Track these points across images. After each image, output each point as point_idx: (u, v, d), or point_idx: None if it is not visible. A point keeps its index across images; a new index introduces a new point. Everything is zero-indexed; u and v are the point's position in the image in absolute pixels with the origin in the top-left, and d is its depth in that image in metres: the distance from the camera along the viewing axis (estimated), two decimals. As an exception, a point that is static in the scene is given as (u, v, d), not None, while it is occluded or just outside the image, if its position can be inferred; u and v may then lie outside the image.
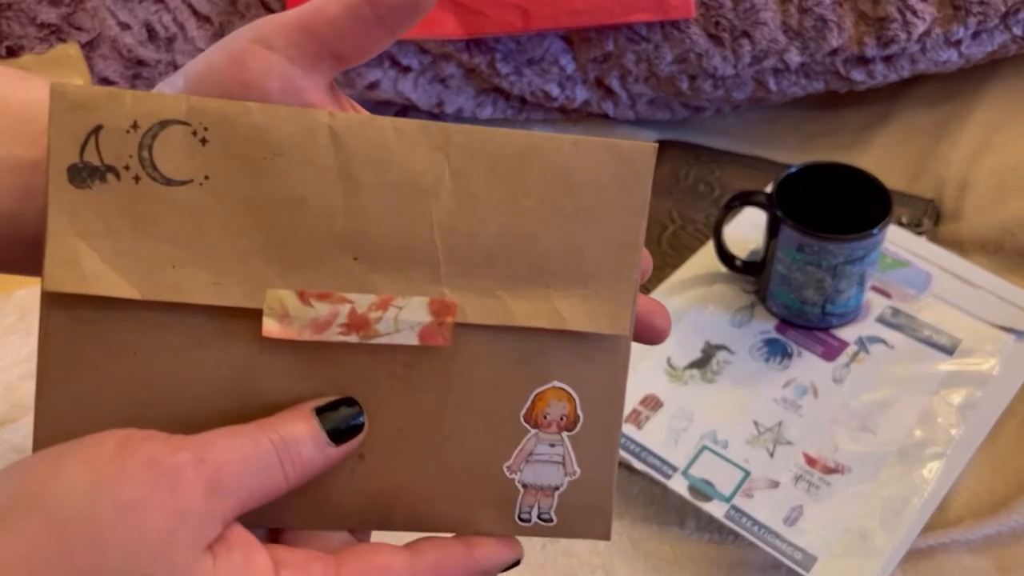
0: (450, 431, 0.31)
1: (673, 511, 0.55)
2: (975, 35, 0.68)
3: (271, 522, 0.30)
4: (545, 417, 0.32)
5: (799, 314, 0.61)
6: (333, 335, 0.30)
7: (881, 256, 0.62)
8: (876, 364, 0.59)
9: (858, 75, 0.71)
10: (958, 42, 0.68)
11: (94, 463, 0.26)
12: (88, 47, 0.71)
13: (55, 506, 0.25)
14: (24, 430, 0.57)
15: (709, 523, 0.54)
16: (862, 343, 0.61)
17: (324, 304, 0.30)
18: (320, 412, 0.30)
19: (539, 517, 0.32)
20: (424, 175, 0.30)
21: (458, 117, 0.78)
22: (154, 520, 0.25)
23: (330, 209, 0.29)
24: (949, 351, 0.60)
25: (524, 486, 0.32)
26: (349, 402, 0.30)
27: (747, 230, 0.66)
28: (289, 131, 0.29)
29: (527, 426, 0.32)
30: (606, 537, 0.33)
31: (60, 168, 0.28)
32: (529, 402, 0.32)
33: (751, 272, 0.64)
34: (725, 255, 0.64)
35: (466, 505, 0.32)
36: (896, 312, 0.62)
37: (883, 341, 0.61)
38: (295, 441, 0.29)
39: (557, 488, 0.32)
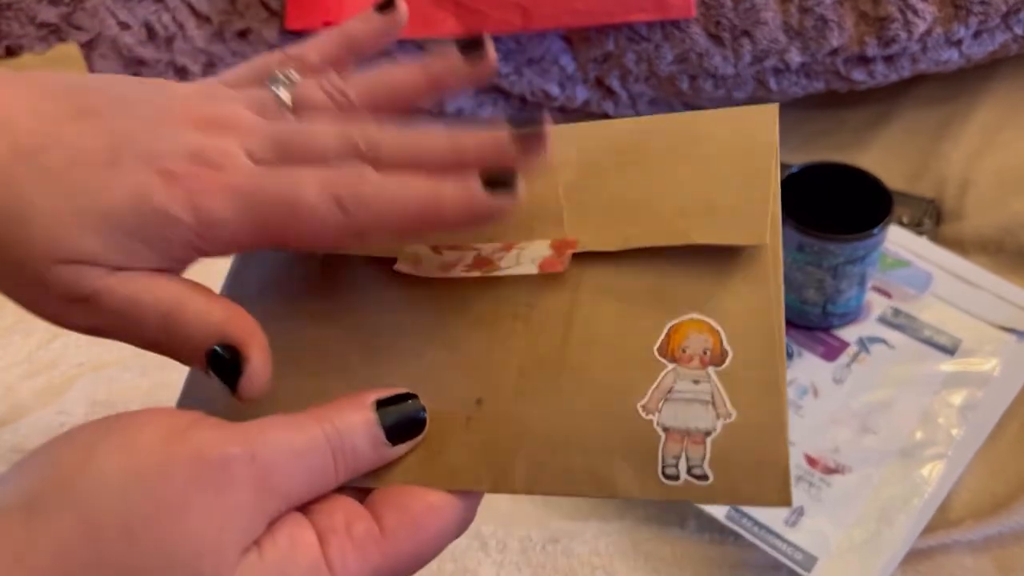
0: (574, 367, 0.28)
1: (674, 511, 0.55)
2: (976, 35, 0.68)
3: (376, 480, 0.28)
4: (684, 351, 0.27)
5: (800, 314, 0.61)
6: (457, 272, 0.30)
7: (882, 256, 0.62)
8: (877, 364, 0.59)
9: (859, 75, 0.71)
10: (959, 42, 0.68)
11: (134, 453, 0.24)
12: (88, 47, 0.71)
13: (89, 498, 0.23)
14: (24, 430, 0.57)
15: (710, 523, 0.54)
16: (863, 343, 0.60)
17: (453, 252, 0.30)
18: (380, 405, 0.28)
19: (690, 472, 0.26)
20: (554, 156, 0.29)
21: (458, 117, 0.78)
22: (199, 520, 0.24)
23: None
24: (950, 351, 0.60)
25: (665, 430, 0.26)
26: (411, 397, 0.28)
27: (748, 230, 0.66)
28: None
29: (663, 360, 0.27)
30: (785, 502, 0.25)
31: None
32: (664, 335, 0.27)
33: (752, 272, 0.64)
34: (725, 255, 0.64)
35: (597, 455, 0.26)
36: (897, 312, 0.62)
37: (884, 341, 0.61)
38: (350, 435, 0.27)
39: (708, 433, 0.26)
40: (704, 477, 0.26)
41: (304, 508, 0.27)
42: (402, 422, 0.28)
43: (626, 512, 0.55)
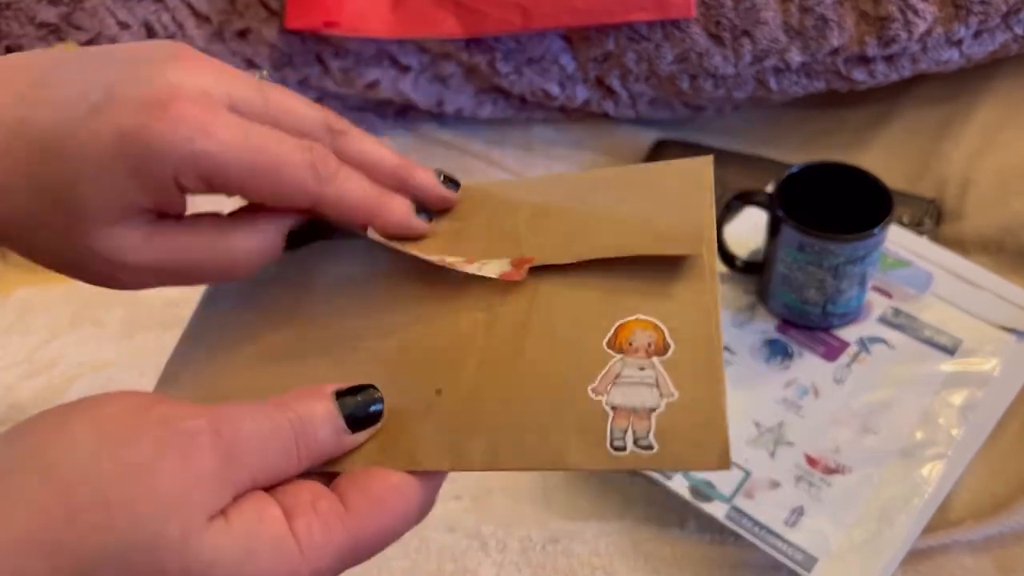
0: (530, 359, 0.30)
1: (674, 512, 0.55)
2: (976, 34, 0.68)
3: (339, 464, 0.29)
4: (631, 344, 0.30)
5: (800, 314, 0.61)
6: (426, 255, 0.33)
7: (882, 256, 0.62)
8: (877, 364, 0.59)
9: (859, 75, 0.71)
10: (959, 41, 0.68)
11: (102, 423, 0.25)
12: (87, 46, 0.71)
13: (59, 466, 0.24)
14: (23, 430, 0.57)
15: (710, 524, 0.54)
16: (863, 343, 0.60)
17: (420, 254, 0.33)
18: (340, 396, 0.29)
19: (636, 443, 0.28)
20: (517, 199, 0.35)
21: (458, 116, 0.78)
22: (166, 482, 0.25)
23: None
24: (950, 351, 0.60)
25: (613, 408, 0.29)
26: (370, 388, 0.30)
27: (748, 230, 0.66)
28: None
29: (611, 351, 0.30)
30: (724, 465, 0.27)
31: None
32: (612, 331, 0.30)
33: (752, 272, 0.64)
34: (726, 255, 0.64)
35: (551, 435, 0.29)
36: (897, 312, 0.62)
37: (884, 341, 0.60)
38: (312, 422, 0.28)
39: (653, 409, 0.28)
40: (650, 447, 0.28)
41: (269, 489, 0.28)
42: (360, 410, 0.29)
43: (626, 512, 0.55)
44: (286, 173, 0.30)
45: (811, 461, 0.54)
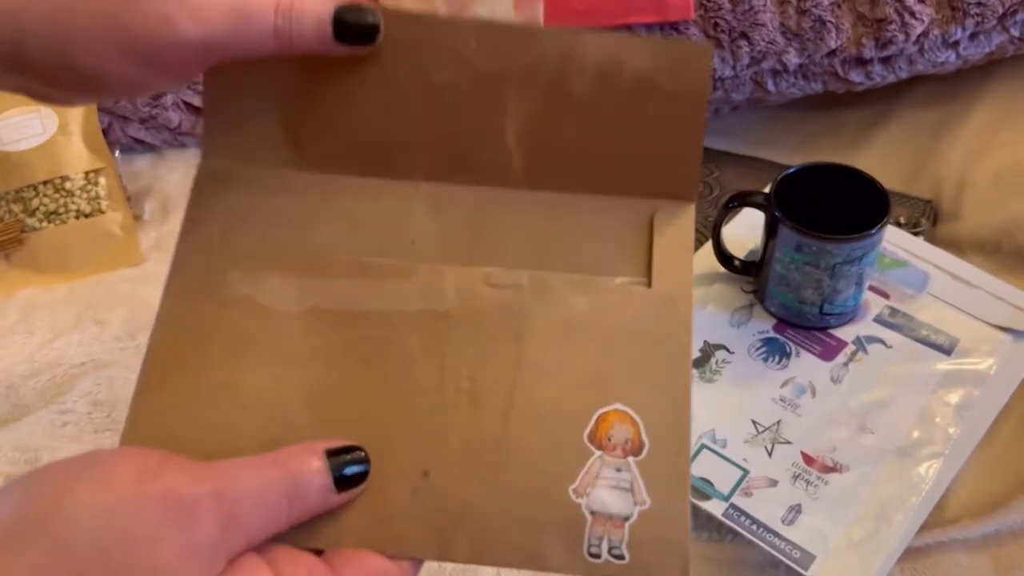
0: (514, 447, 0.31)
1: (672, 510, 0.55)
2: (973, 36, 0.68)
3: (329, 542, 0.30)
4: (610, 439, 0.31)
5: (797, 314, 0.62)
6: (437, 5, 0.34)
7: (879, 256, 0.63)
8: (874, 364, 0.60)
9: (856, 76, 0.71)
10: (956, 43, 0.69)
11: (109, 490, 0.26)
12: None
13: (66, 530, 0.25)
14: (26, 429, 0.58)
15: (708, 522, 0.54)
16: (860, 343, 0.61)
17: None
18: (330, 454, 0.30)
19: (610, 552, 0.30)
20: None
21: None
22: (166, 553, 0.25)
23: None
24: (947, 351, 0.60)
25: (592, 513, 0.30)
26: (357, 450, 0.30)
27: (746, 230, 0.66)
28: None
29: (592, 447, 0.31)
30: None
31: None
32: (593, 422, 0.31)
33: (749, 272, 0.64)
34: (724, 255, 0.64)
35: (531, 532, 0.30)
36: (894, 312, 0.62)
37: (881, 341, 0.61)
38: (305, 480, 0.29)
39: (627, 519, 0.30)
40: (622, 557, 0.30)
41: (267, 558, 0.28)
42: (349, 471, 0.30)
43: (625, 510, 0.56)
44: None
45: (808, 460, 0.55)
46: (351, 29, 0.32)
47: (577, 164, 0.35)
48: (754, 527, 0.52)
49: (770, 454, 0.55)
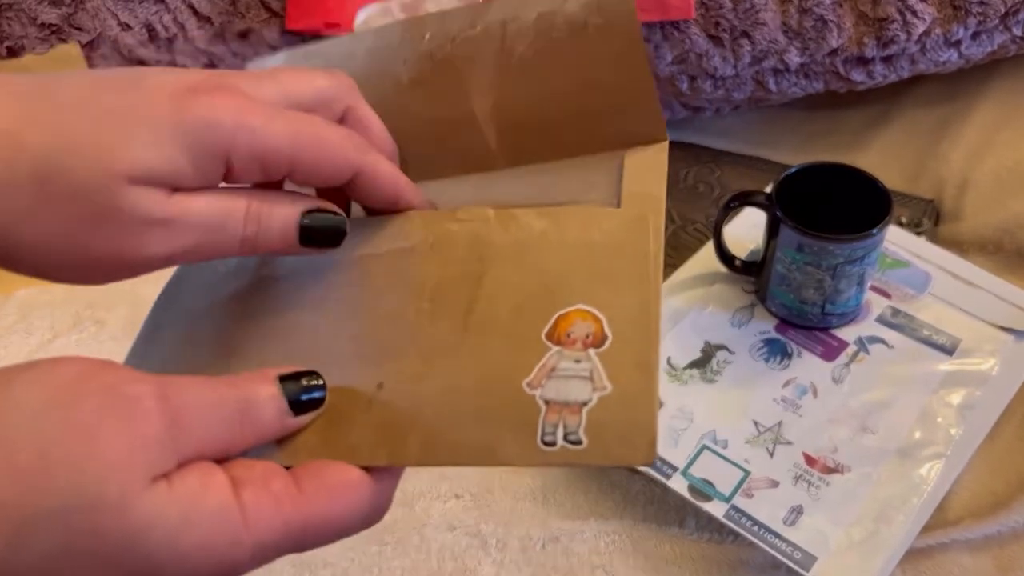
0: (469, 351, 0.30)
1: (673, 511, 0.55)
2: (975, 35, 0.68)
3: (284, 460, 0.30)
4: (569, 335, 0.30)
5: (799, 314, 0.61)
6: None
7: (881, 256, 0.62)
8: (876, 364, 0.59)
9: (858, 75, 0.71)
10: (958, 42, 0.68)
11: (47, 385, 0.25)
12: (88, 47, 0.71)
13: (3, 421, 0.24)
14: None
15: (709, 523, 0.54)
16: (862, 343, 0.61)
17: None
18: (283, 380, 0.30)
19: (566, 439, 0.28)
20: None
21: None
22: (108, 444, 0.24)
23: None
24: (949, 351, 0.60)
25: (546, 402, 0.29)
26: (313, 375, 0.30)
27: (747, 230, 0.66)
28: None
29: (549, 343, 0.30)
30: (648, 461, 0.28)
31: None
32: (552, 321, 0.30)
33: (751, 272, 0.64)
34: (725, 255, 0.64)
35: (481, 428, 0.29)
36: (896, 312, 0.62)
37: (883, 341, 0.61)
38: (256, 402, 0.28)
39: (584, 404, 0.29)
40: (579, 442, 0.28)
41: (222, 462, 0.28)
42: (303, 394, 0.30)
43: (626, 511, 0.55)
44: (328, 145, 0.31)
45: (810, 460, 0.55)
46: (317, 234, 0.32)
47: (543, 130, 0.35)
48: (755, 528, 0.51)
49: (771, 455, 0.55)
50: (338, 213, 0.32)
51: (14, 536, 0.24)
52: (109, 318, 0.67)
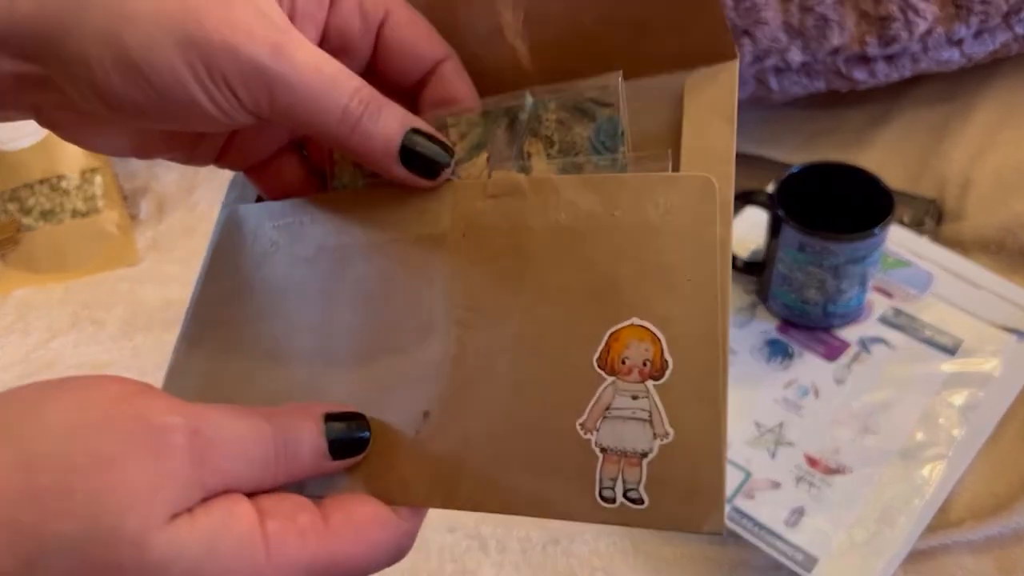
0: (516, 380, 0.27)
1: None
2: (977, 34, 0.68)
3: (325, 490, 0.29)
4: (624, 362, 0.26)
5: (800, 314, 0.61)
6: None
7: (883, 256, 0.62)
8: (878, 364, 0.59)
9: (860, 74, 0.71)
10: (960, 41, 0.68)
11: (79, 408, 0.25)
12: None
13: (29, 446, 0.24)
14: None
15: (710, 524, 0.53)
16: (863, 343, 0.60)
17: None
18: (328, 419, 0.29)
19: (626, 495, 0.25)
20: None
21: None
22: (132, 476, 0.24)
23: None
24: (951, 351, 0.59)
25: (603, 450, 0.26)
26: (359, 419, 0.29)
27: (748, 230, 0.66)
28: None
29: (602, 372, 0.26)
30: (716, 530, 0.24)
31: None
32: (603, 343, 0.27)
33: (752, 272, 0.64)
34: (726, 255, 0.64)
35: (535, 475, 0.26)
36: (898, 312, 0.62)
37: (885, 341, 0.60)
38: (296, 440, 0.28)
39: (645, 455, 0.25)
40: (640, 501, 0.25)
41: (251, 495, 0.27)
42: (345, 439, 0.29)
43: (626, 512, 0.55)
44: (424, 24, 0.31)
45: (811, 461, 0.54)
46: (417, 159, 0.30)
47: (583, 46, 0.30)
48: (757, 529, 0.51)
49: (773, 456, 0.55)
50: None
51: (30, 558, 0.23)
52: (107, 318, 0.67)
